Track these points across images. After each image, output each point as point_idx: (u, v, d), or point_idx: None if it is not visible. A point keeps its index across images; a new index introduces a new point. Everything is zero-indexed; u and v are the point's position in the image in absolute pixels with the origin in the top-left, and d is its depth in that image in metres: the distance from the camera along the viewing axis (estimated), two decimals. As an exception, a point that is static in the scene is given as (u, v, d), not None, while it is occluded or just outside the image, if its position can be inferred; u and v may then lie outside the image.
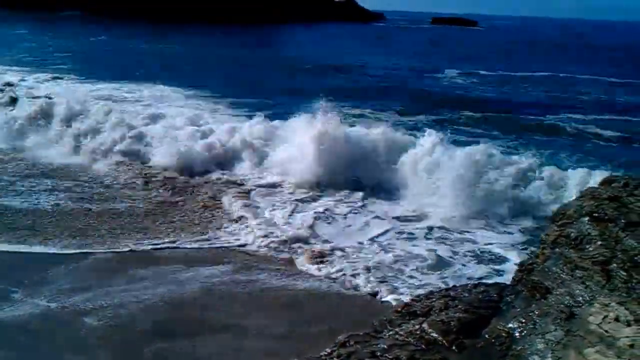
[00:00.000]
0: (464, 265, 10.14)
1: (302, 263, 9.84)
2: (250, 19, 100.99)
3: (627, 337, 4.69)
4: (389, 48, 62.44)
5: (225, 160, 15.68)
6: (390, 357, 5.36)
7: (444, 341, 5.58)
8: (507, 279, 7.31)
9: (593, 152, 18.29)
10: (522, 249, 10.81)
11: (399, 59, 48.20)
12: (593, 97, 30.92)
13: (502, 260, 10.49)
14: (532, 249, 8.38)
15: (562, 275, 5.45)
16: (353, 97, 25.82)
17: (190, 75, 32.27)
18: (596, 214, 5.56)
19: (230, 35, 73.21)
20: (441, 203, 12.66)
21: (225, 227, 11.40)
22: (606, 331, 4.90)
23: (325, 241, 10.80)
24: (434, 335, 5.66)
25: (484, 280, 8.04)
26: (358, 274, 9.35)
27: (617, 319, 4.91)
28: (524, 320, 5.41)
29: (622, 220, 5.42)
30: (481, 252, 10.86)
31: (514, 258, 10.16)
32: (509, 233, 11.93)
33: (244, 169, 15.19)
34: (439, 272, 9.68)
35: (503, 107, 25.96)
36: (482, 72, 41.05)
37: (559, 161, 16.08)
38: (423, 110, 23.88)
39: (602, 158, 16.84)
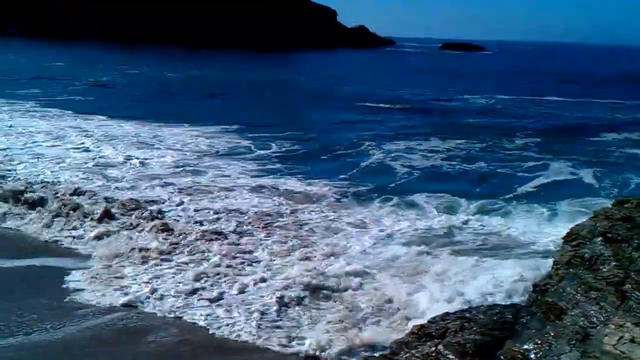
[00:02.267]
0: None
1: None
2: (267, 45, 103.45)
3: (643, 357, 4.70)
4: (410, 75, 62.09)
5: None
6: (406, 378, 5.39)
7: (460, 363, 5.59)
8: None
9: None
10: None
11: (425, 88, 47.49)
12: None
13: None
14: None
15: (576, 296, 5.48)
16: (398, 131, 25.62)
17: (238, 109, 31.42)
18: (609, 235, 5.60)
19: (251, 62, 74.28)
20: None
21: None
22: (622, 352, 4.90)
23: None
24: (450, 357, 5.67)
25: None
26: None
27: (632, 340, 4.92)
28: (539, 342, 5.42)
29: (636, 241, 5.46)
30: None
31: None
32: None
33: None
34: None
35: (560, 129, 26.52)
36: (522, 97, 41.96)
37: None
38: (470, 137, 23.79)
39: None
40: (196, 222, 12.52)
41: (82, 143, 20.25)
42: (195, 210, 13.24)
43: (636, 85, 55.39)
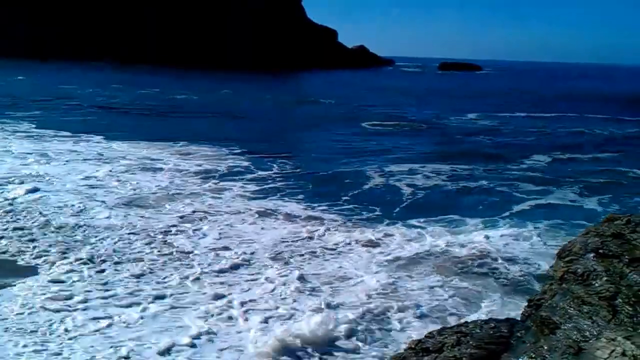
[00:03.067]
0: None
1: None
2: (269, 65, 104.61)
3: (634, 370, 4.83)
4: (412, 95, 61.94)
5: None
6: (404, 392, 5.48)
7: (456, 377, 5.70)
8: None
9: None
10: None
11: (427, 108, 47.48)
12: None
13: None
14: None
15: (569, 310, 5.61)
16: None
17: (239, 129, 31.57)
18: (601, 250, 5.76)
19: (253, 82, 74.49)
20: None
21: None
22: (614, 365, 5.02)
23: None
24: (447, 371, 5.78)
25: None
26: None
27: (623, 354, 5.04)
28: (533, 355, 5.54)
29: (626, 257, 5.62)
30: None
31: None
32: None
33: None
34: None
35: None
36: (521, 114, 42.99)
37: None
38: (473, 157, 24.01)
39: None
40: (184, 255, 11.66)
41: (76, 165, 19.97)
42: (179, 248, 12.16)
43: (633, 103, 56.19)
